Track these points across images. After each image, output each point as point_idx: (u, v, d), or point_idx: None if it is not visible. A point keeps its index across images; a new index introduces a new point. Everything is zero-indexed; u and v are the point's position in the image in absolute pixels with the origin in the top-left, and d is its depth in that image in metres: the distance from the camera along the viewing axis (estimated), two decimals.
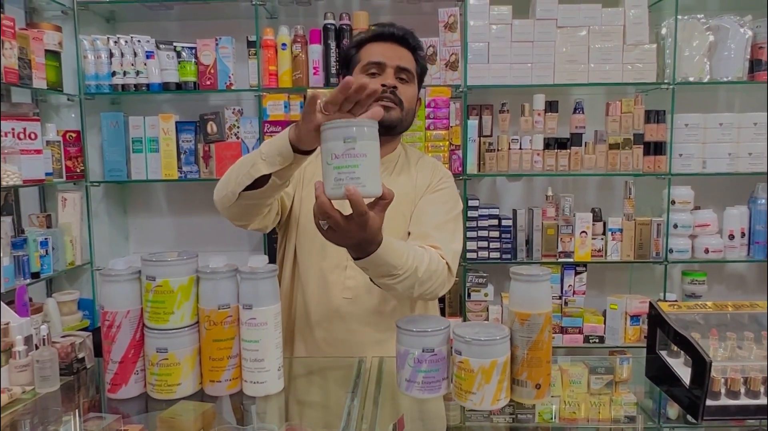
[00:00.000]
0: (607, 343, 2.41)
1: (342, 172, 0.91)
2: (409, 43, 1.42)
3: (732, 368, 1.00)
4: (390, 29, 1.41)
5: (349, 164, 0.91)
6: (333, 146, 0.92)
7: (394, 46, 1.40)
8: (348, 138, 0.90)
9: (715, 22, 2.34)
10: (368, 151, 0.92)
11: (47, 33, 2.24)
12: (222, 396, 1.05)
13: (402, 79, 1.40)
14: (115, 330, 1.04)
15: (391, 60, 1.38)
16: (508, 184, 2.68)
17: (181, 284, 1.04)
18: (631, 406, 1.12)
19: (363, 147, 0.91)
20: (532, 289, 0.98)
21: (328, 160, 0.92)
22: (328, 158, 0.92)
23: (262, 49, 2.35)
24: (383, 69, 1.38)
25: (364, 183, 0.91)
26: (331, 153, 0.92)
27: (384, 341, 1.37)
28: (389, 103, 1.36)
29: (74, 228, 2.38)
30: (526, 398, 1.00)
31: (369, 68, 1.38)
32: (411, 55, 1.43)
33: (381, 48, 1.40)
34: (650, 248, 2.37)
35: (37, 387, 1.10)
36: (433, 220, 1.36)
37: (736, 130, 2.36)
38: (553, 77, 2.33)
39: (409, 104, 1.41)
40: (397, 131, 1.42)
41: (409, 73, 1.41)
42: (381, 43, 1.40)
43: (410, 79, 1.41)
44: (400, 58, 1.40)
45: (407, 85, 1.41)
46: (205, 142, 2.43)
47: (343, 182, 0.91)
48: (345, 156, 0.91)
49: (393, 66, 1.38)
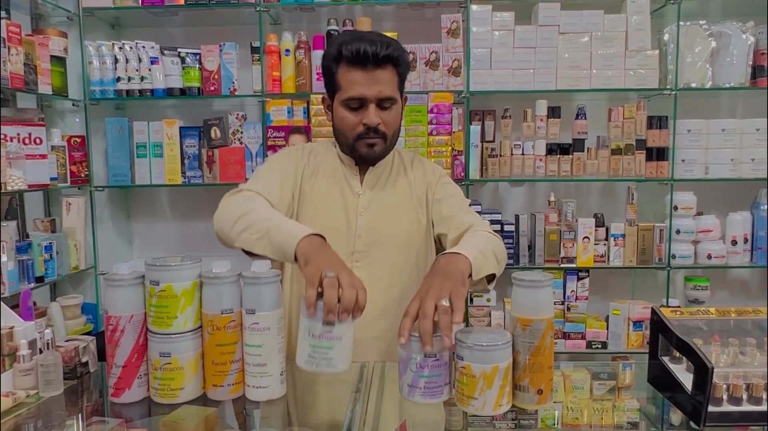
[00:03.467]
0: (609, 349, 2.41)
1: (317, 351, 0.98)
2: (389, 58, 1.32)
3: (734, 374, 1.00)
4: (365, 48, 1.29)
5: (324, 345, 0.97)
6: (312, 326, 0.98)
7: (372, 73, 1.31)
8: (327, 322, 0.97)
9: (717, 28, 2.35)
10: (344, 333, 0.98)
11: (53, 39, 2.25)
12: (225, 400, 1.06)
13: (384, 107, 1.35)
14: (119, 335, 1.05)
15: (371, 92, 1.31)
16: (511, 190, 2.68)
17: (184, 289, 1.04)
18: (634, 412, 1.11)
19: (340, 330, 0.97)
20: (534, 295, 0.99)
21: (305, 335, 0.99)
22: (305, 333, 0.99)
23: (266, 54, 2.36)
24: (364, 103, 1.33)
25: (335, 364, 0.98)
26: (309, 331, 0.98)
27: (387, 346, 1.38)
28: (374, 140, 1.35)
29: (78, 233, 2.39)
30: (528, 403, 1.00)
31: (350, 103, 1.34)
32: (392, 72, 1.34)
33: (359, 77, 1.31)
34: (653, 254, 2.37)
35: (41, 391, 1.10)
36: (462, 217, 1.41)
37: (739, 135, 2.36)
38: (556, 83, 2.33)
39: (393, 128, 1.39)
40: (383, 158, 1.43)
41: (391, 99, 1.35)
42: (360, 71, 1.31)
43: (393, 103, 1.36)
44: (380, 87, 1.32)
45: (390, 111, 1.36)
46: (209, 147, 2.44)
47: (315, 360, 0.98)
48: (322, 338, 0.97)
49: (374, 99, 1.32)
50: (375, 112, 1.33)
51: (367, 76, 1.31)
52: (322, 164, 1.46)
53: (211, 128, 2.44)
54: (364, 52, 1.29)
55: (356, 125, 1.35)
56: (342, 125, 1.38)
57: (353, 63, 1.31)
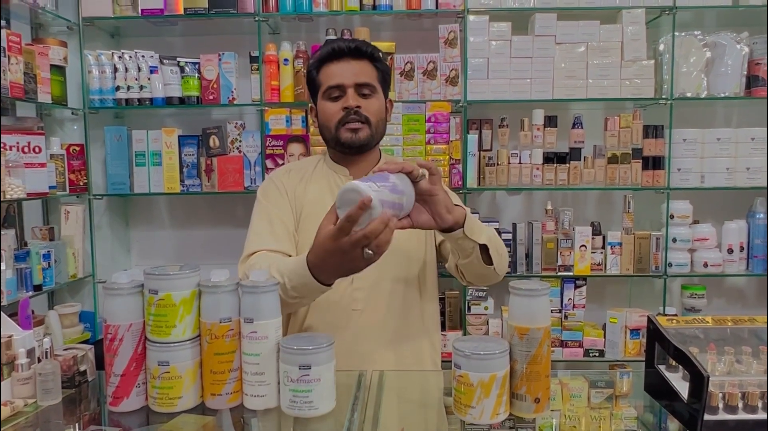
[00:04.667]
0: (607, 357, 2.41)
1: (297, 396, 0.98)
2: (363, 53, 1.40)
3: (730, 383, 1.01)
4: (339, 44, 1.39)
5: (303, 389, 0.98)
6: (289, 370, 0.98)
7: (349, 63, 1.39)
8: (303, 365, 0.97)
9: (712, 39, 2.36)
10: (323, 374, 0.98)
11: (52, 48, 2.26)
12: (223, 409, 1.05)
13: (364, 94, 1.39)
14: (118, 344, 1.04)
15: (349, 79, 1.37)
16: (508, 198, 2.69)
17: (183, 297, 1.04)
18: (632, 420, 1.11)
19: (317, 372, 0.98)
20: (531, 304, 0.99)
21: (283, 380, 0.99)
22: (284, 379, 0.99)
23: (265, 64, 2.38)
24: (344, 90, 1.37)
25: (317, 406, 0.98)
26: (287, 375, 0.99)
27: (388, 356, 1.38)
28: (356, 124, 1.37)
29: (77, 241, 2.39)
30: (526, 412, 1.00)
31: (330, 93, 1.39)
32: (369, 66, 1.41)
33: (337, 68, 1.38)
34: (649, 262, 2.38)
35: (39, 400, 1.10)
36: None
37: (734, 144, 2.37)
38: (552, 92, 2.35)
39: (377, 117, 1.41)
40: (370, 147, 1.43)
41: (370, 86, 1.39)
42: (336, 63, 1.39)
43: (373, 91, 1.40)
44: (357, 74, 1.38)
45: (371, 98, 1.40)
46: (208, 156, 2.45)
47: (297, 405, 0.98)
48: (299, 381, 0.98)
49: (351, 85, 1.37)
50: (354, 96, 1.37)
51: (344, 66, 1.38)
52: (313, 176, 1.48)
53: (210, 137, 2.44)
54: (338, 47, 1.39)
55: (337, 112, 1.38)
56: (324, 117, 1.41)
57: (330, 59, 1.39)
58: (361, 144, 1.39)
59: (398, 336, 1.40)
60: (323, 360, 0.99)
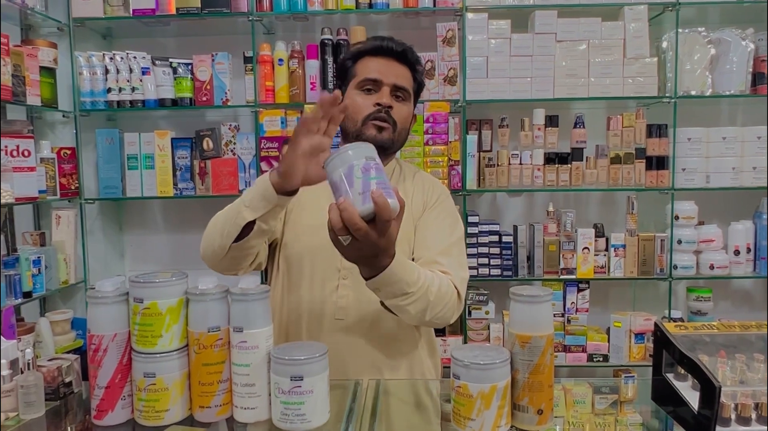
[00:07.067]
0: (611, 362, 2.37)
1: (289, 408, 0.94)
2: (408, 59, 1.39)
3: (742, 393, 0.96)
4: (389, 44, 1.37)
5: (294, 401, 0.94)
6: (280, 381, 0.94)
7: (391, 63, 1.37)
8: (294, 376, 0.93)
9: (717, 36, 2.33)
10: (316, 385, 0.94)
11: (42, 49, 2.23)
12: (212, 422, 1.01)
13: (398, 97, 1.37)
14: (102, 354, 1.00)
15: (388, 78, 1.35)
16: (509, 200, 2.65)
17: (169, 306, 1.00)
18: (637, 427, 1.08)
19: (310, 383, 0.94)
20: (533, 311, 0.95)
21: (274, 392, 0.95)
22: (275, 390, 0.95)
23: (259, 64, 2.34)
24: (379, 86, 1.35)
25: (310, 418, 0.94)
26: (278, 387, 0.95)
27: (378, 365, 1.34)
28: (382, 123, 1.33)
29: (68, 247, 2.35)
30: (528, 424, 0.96)
31: (365, 84, 1.35)
32: (409, 72, 1.39)
33: (378, 64, 1.36)
34: (654, 264, 2.34)
35: (21, 413, 1.06)
36: (438, 245, 1.33)
37: (740, 143, 2.33)
38: (553, 91, 2.31)
39: (402, 124, 1.38)
40: (388, 152, 1.39)
41: (405, 92, 1.37)
42: (378, 58, 1.37)
43: (406, 97, 1.38)
44: (398, 75, 1.36)
45: (403, 103, 1.38)
46: (201, 159, 2.41)
47: (289, 418, 0.94)
48: (291, 393, 0.94)
49: (390, 84, 1.35)
50: (389, 95, 1.35)
51: (386, 64, 1.36)
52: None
53: (204, 139, 2.41)
54: (387, 46, 1.37)
55: (368, 106, 1.34)
56: (353, 108, 1.35)
57: (375, 53, 1.37)
58: (383, 144, 1.34)
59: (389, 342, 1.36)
60: (316, 371, 0.95)
